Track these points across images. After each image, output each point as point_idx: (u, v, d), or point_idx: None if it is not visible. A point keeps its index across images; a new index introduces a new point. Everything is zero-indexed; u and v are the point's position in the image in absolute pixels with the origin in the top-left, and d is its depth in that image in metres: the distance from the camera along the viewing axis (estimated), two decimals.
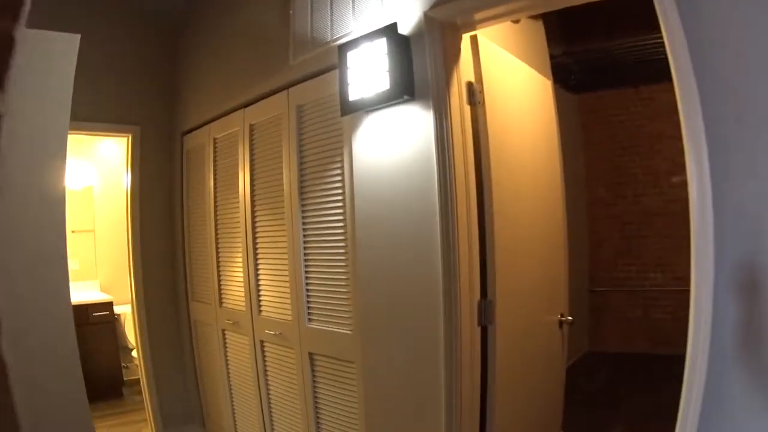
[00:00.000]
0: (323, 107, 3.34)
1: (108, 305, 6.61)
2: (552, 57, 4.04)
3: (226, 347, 4.49)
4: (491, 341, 2.83)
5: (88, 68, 4.80)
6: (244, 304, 4.13)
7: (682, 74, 1.84)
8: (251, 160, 4.00)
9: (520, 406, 3.13)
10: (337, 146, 3.22)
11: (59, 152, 2.99)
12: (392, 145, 2.85)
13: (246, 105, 4.11)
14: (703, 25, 1.80)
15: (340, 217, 3.22)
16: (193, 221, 4.86)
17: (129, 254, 5.13)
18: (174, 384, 5.22)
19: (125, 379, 6.83)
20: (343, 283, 3.22)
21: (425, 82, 2.72)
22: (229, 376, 4.50)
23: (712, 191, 1.87)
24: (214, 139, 4.48)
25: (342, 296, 3.25)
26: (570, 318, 3.51)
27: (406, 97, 2.74)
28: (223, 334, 4.48)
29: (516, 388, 3.05)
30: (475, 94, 2.83)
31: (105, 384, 6.58)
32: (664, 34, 1.88)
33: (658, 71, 6.31)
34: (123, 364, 6.80)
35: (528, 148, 3.27)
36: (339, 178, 3.20)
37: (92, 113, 4.79)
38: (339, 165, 3.21)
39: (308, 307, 3.49)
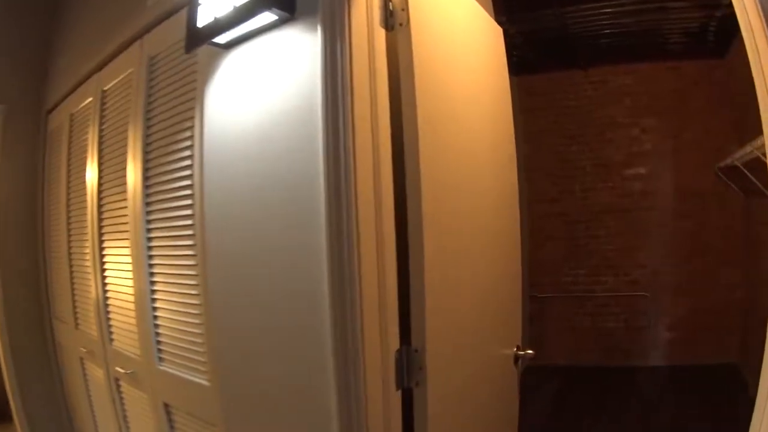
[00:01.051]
0: (179, 54, 2.06)
1: None
2: None
3: (86, 379, 3.16)
4: (420, 407, 1.59)
5: None
6: (96, 329, 2.81)
7: None
8: (100, 140, 2.66)
9: None
10: (190, 108, 1.95)
11: None
12: (259, 98, 1.60)
13: (102, 66, 2.78)
14: None
15: (189, 212, 1.91)
16: (52, 222, 3.46)
17: None
18: (46, 414, 3.86)
19: None
20: (196, 312, 1.92)
21: None
22: (95, 416, 3.18)
23: None
24: (71, 115, 3.13)
25: (195, 332, 1.95)
26: (530, 351, 2.32)
27: (279, 12, 1.49)
28: (82, 363, 3.16)
29: None
30: (394, 13, 1.59)
31: None
32: None
33: (612, 50, 5.18)
34: None
35: (475, 109, 2.02)
36: (188, 153, 1.91)
37: None
38: (189, 137, 1.92)
39: (158, 343, 2.19)
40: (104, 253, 2.61)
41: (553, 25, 4.37)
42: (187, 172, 1.90)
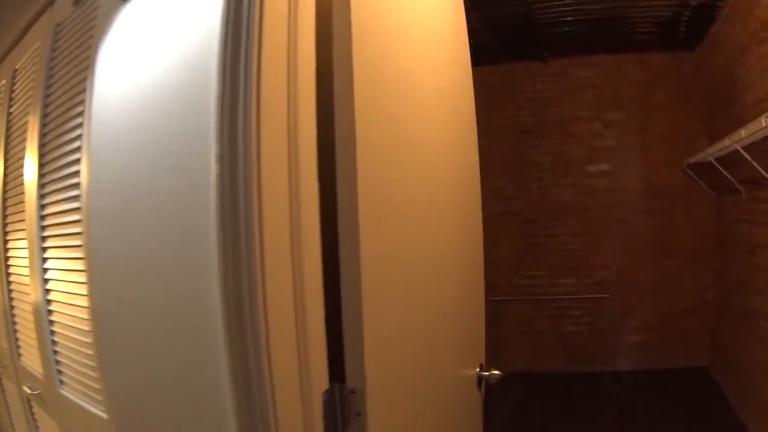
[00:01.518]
0: (84, 16, 1.65)
1: None
2: None
3: (5, 397, 2.72)
4: None
5: None
6: (5, 341, 2.39)
7: None
8: (7, 127, 2.23)
9: None
10: (84, 79, 1.53)
11: None
12: (151, 60, 1.20)
13: (17, 42, 2.36)
14: None
15: (77, 204, 1.48)
16: None
17: None
18: None
19: None
20: (88, 329, 1.53)
21: None
22: None
23: None
24: None
25: (88, 354, 1.55)
26: (496, 372, 1.94)
27: None
28: (0, 380, 2.73)
29: None
30: None
31: None
32: None
33: (576, 39, 4.80)
34: None
35: (431, 85, 1.62)
36: (78, 132, 1.49)
37: None
38: (80, 113, 1.49)
39: (57, 363, 1.77)
40: (8, 255, 2.18)
41: (515, 9, 3.99)
42: (76, 156, 1.48)
